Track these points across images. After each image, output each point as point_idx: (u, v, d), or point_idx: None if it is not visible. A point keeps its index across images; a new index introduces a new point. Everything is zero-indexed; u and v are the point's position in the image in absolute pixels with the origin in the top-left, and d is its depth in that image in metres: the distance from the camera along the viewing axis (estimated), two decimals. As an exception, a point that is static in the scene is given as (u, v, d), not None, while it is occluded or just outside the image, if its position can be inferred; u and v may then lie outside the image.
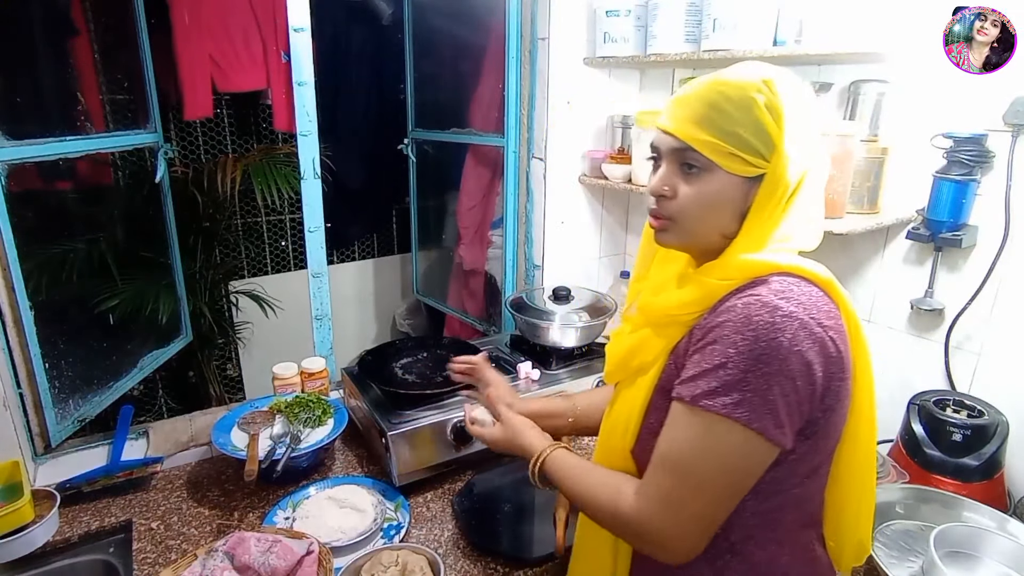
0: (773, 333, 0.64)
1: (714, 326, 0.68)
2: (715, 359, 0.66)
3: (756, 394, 0.64)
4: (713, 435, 0.67)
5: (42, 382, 1.27)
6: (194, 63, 2.28)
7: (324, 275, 1.51)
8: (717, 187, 0.72)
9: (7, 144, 1.27)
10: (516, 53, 1.72)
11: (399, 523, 1.15)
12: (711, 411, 0.66)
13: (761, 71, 0.71)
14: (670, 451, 0.70)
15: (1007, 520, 1.06)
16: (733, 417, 0.65)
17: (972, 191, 1.17)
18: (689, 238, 0.77)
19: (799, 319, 0.65)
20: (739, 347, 0.65)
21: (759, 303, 0.66)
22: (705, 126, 0.71)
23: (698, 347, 0.70)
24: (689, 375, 0.69)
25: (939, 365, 1.28)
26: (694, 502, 0.68)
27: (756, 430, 0.65)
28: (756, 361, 0.64)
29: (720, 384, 0.65)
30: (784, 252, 0.73)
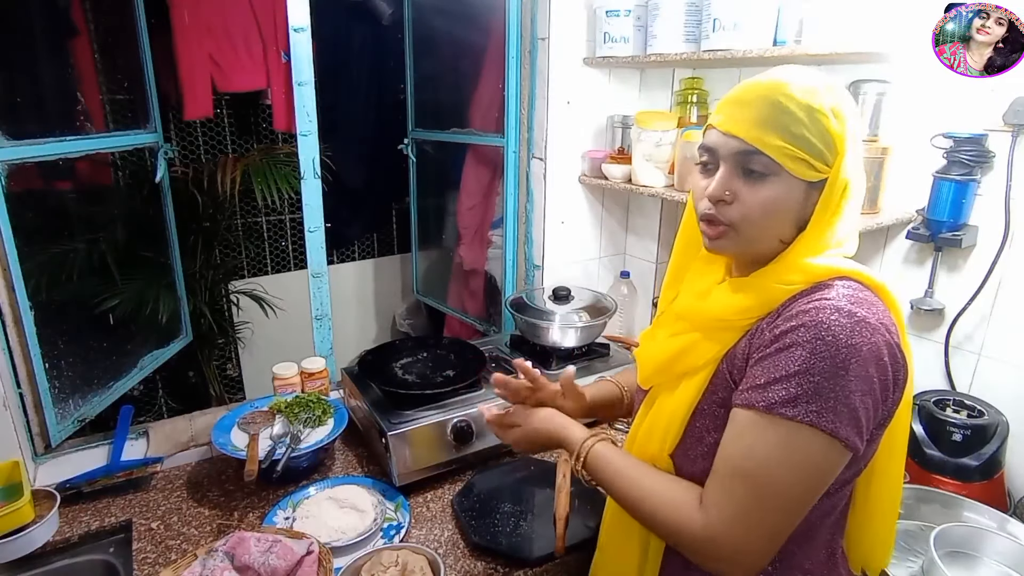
0: (853, 338, 0.63)
1: (786, 331, 0.66)
2: (792, 365, 0.64)
3: (840, 401, 0.63)
4: (794, 444, 0.64)
5: (42, 382, 1.27)
6: (194, 63, 2.28)
7: (324, 275, 1.51)
8: (782, 192, 0.70)
9: (7, 144, 1.27)
10: (516, 53, 1.72)
11: (399, 523, 1.15)
12: (793, 419, 0.63)
13: (818, 75, 0.71)
14: (745, 462, 0.67)
15: (1007, 520, 1.06)
16: (818, 426, 0.63)
17: (972, 191, 1.17)
18: (748, 245, 0.74)
19: (872, 324, 0.64)
20: (818, 353, 0.63)
21: (833, 308, 0.65)
22: (772, 129, 0.68)
23: (767, 353, 0.67)
24: (760, 382, 0.66)
25: (939, 365, 1.28)
26: (771, 515, 0.66)
27: (842, 438, 0.63)
28: (838, 367, 0.63)
29: (800, 391, 0.63)
30: (839, 257, 0.72)
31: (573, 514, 1.09)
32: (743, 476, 0.67)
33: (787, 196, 0.70)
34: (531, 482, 1.28)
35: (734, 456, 0.68)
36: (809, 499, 0.67)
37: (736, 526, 0.66)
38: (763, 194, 0.70)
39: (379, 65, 2.84)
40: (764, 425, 0.65)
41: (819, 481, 0.66)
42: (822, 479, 0.66)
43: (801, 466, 0.64)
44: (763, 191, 0.70)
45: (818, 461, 0.65)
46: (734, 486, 0.67)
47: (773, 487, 0.65)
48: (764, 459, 0.65)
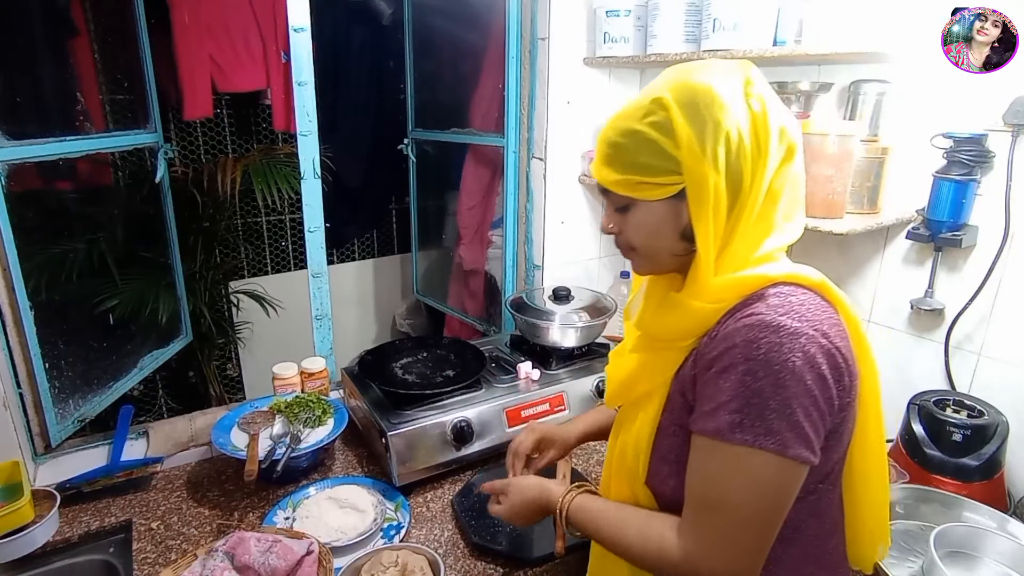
0: (784, 354, 0.62)
1: (720, 354, 0.66)
2: (731, 389, 0.64)
3: (781, 419, 0.63)
4: (747, 468, 0.65)
5: (42, 382, 1.27)
6: (194, 63, 2.28)
7: (324, 275, 1.51)
8: (646, 216, 0.74)
9: (7, 144, 1.27)
10: (516, 53, 1.72)
11: (399, 523, 1.15)
12: (741, 444, 0.64)
13: (657, 89, 0.71)
14: (708, 489, 0.68)
15: (1007, 520, 1.06)
16: (765, 448, 0.63)
17: (972, 191, 1.17)
18: (652, 263, 0.78)
19: (805, 333, 0.64)
20: (754, 373, 0.63)
21: (762, 324, 0.64)
22: (611, 164, 0.73)
23: (708, 377, 0.68)
24: (708, 408, 0.67)
25: (939, 365, 1.28)
26: (745, 536, 0.67)
27: (791, 457, 0.63)
28: (774, 386, 0.62)
29: (743, 415, 0.64)
30: (770, 262, 0.71)
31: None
32: (709, 504, 0.68)
33: (652, 217, 0.73)
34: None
35: (697, 484, 0.69)
36: (777, 516, 0.67)
37: (714, 553, 0.67)
38: (632, 222, 0.75)
39: (379, 65, 2.84)
40: (717, 451, 0.66)
41: (782, 498, 0.67)
42: (784, 496, 0.67)
43: (759, 487, 0.65)
44: (632, 219, 0.75)
45: (774, 481, 0.65)
46: (704, 514, 0.68)
47: (739, 510, 0.66)
48: (724, 485, 0.66)
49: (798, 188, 0.73)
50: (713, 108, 0.67)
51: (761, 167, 0.68)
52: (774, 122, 0.69)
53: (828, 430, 0.67)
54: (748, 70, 0.71)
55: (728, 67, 0.71)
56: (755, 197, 0.68)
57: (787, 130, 0.70)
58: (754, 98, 0.69)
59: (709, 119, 0.67)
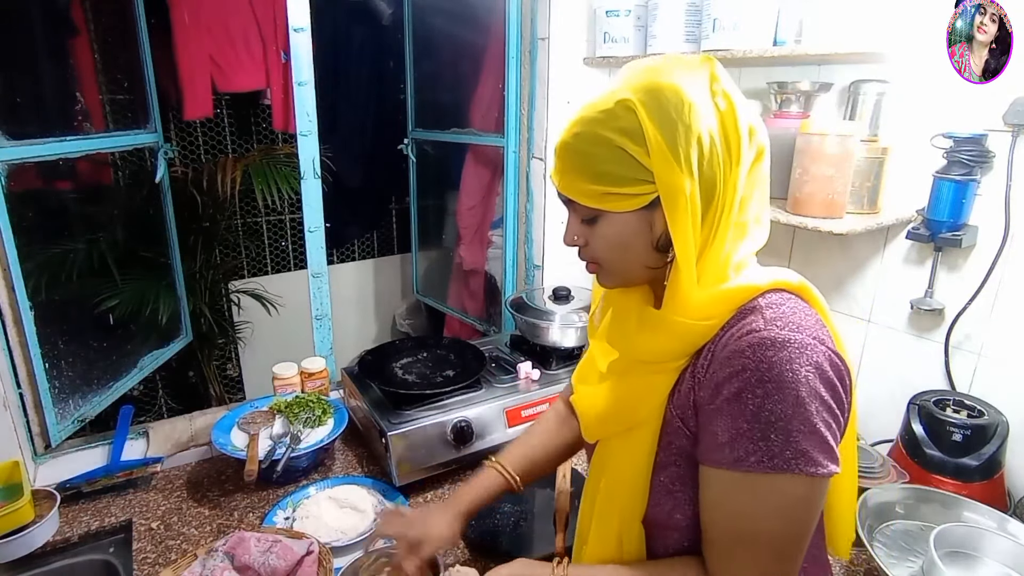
0: (796, 370, 0.60)
1: (727, 378, 0.63)
2: (749, 415, 0.61)
3: (808, 438, 0.60)
4: (780, 494, 0.62)
5: (42, 382, 1.27)
6: (194, 63, 2.28)
7: (324, 275, 1.51)
8: (616, 228, 0.68)
9: (7, 144, 1.27)
10: (516, 53, 1.72)
11: (399, 523, 1.15)
12: (772, 472, 0.60)
13: (620, 91, 0.65)
14: (737, 524, 0.64)
15: (1007, 520, 1.06)
16: (797, 471, 0.60)
17: (972, 191, 1.17)
18: (622, 277, 0.73)
19: (809, 345, 0.61)
20: (770, 396, 0.60)
21: (767, 342, 0.61)
22: (575, 173, 0.67)
23: (718, 404, 0.64)
24: (725, 439, 0.63)
25: (939, 365, 1.28)
26: (785, 564, 0.64)
27: (822, 473, 0.60)
28: (795, 405, 0.60)
29: (767, 441, 0.60)
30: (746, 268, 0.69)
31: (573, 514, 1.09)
32: (740, 539, 0.64)
33: (622, 229, 0.68)
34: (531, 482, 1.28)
35: (723, 521, 0.65)
36: (809, 535, 0.65)
37: None
38: (599, 233, 0.70)
39: (379, 65, 2.84)
40: (743, 483, 0.62)
41: (813, 515, 0.65)
42: (815, 512, 0.64)
43: (793, 511, 0.63)
44: (599, 231, 0.70)
45: (807, 499, 0.63)
46: (736, 553, 0.65)
47: (774, 540, 0.63)
48: (755, 516, 0.63)
49: (766, 190, 0.71)
50: (683, 110, 0.63)
51: (733, 170, 0.65)
52: (743, 122, 0.65)
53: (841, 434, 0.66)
54: (712, 66, 0.67)
55: (691, 63, 0.67)
56: (730, 202, 0.66)
57: (756, 130, 0.67)
58: (719, 96, 0.65)
59: (680, 122, 0.63)
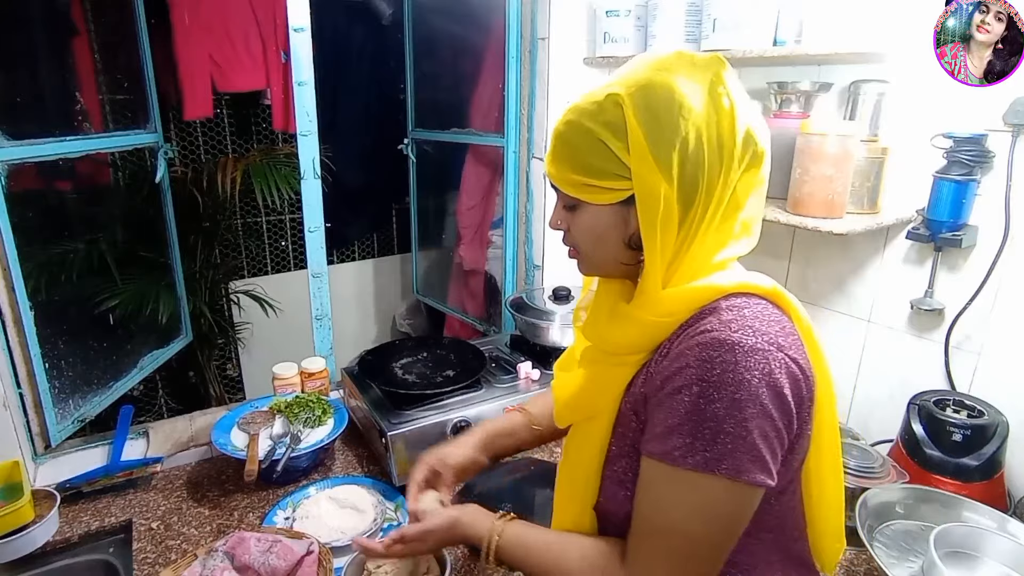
0: (740, 373, 0.59)
1: (673, 373, 0.63)
2: (684, 411, 0.61)
3: (736, 442, 0.59)
4: (700, 493, 0.61)
5: (42, 382, 1.27)
6: (194, 63, 2.28)
7: (324, 275, 1.51)
8: (592, 220, 0.70)
9: (7, 144, 1.27)
10: (516, 53, 1.72)
11: (399, 523, 1.15)
12: (692, 469, 0.60)
13: (615, 83, 0.66)
14: (657, 515, 0.64)
15: (1007, 520, 1.06)
16: (720, 472, 0.59)
17: (972, 191, 1.17)
18: (597, 268, 0.75)
19: (761, 350, 0.60)
20: (707, 395, 0.60)
21: (716, 342, 0.61)
22: (560, 161, 0.69)
23: (660, 397, 0.64)
24: (659, 430, 0.64)
25: (939, 365, 1.28)
26: (695, 564, 0.64)
27: (745, 481, 0.60)
28: (729, 407, 0.59)
29: (695, 439, 0.60)
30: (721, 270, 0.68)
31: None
32: (659, 532, 0.64)
33: (598, 222, 0.70)
34: (531, 482, 1.28)
35: (646, 512, 0.65)
36: (728, 542, 0.64)
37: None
38: (579, 222, 0.72)
39: (379, 65, 2.84)
40: (669, 476, 0.63)
41: (735, 523, 0.64)
42: (737, 521, 0.64)
43: (712, 513, 0.62)
44: (579, 219, 0.72)
45: (726, 506, 0.62)
46: (653, 543, 0.65)
47: (690, 540, 0.63)
48: (675, 512, 0.63)
49: (762, 197, 0.70)
50: (671, 110, 0.62)
51: (722, 174, 0.64)
52: (740, 125, 0.65)
53: (787, 447, 0.65)
54: (719, 66, 0.67)
55: (697, 62, 0.66)
56: (713, 206, 0.65)
57: (755, 134, 0.66)
58: (722, 97, 0.65)
59: (666, 123, 0.62)
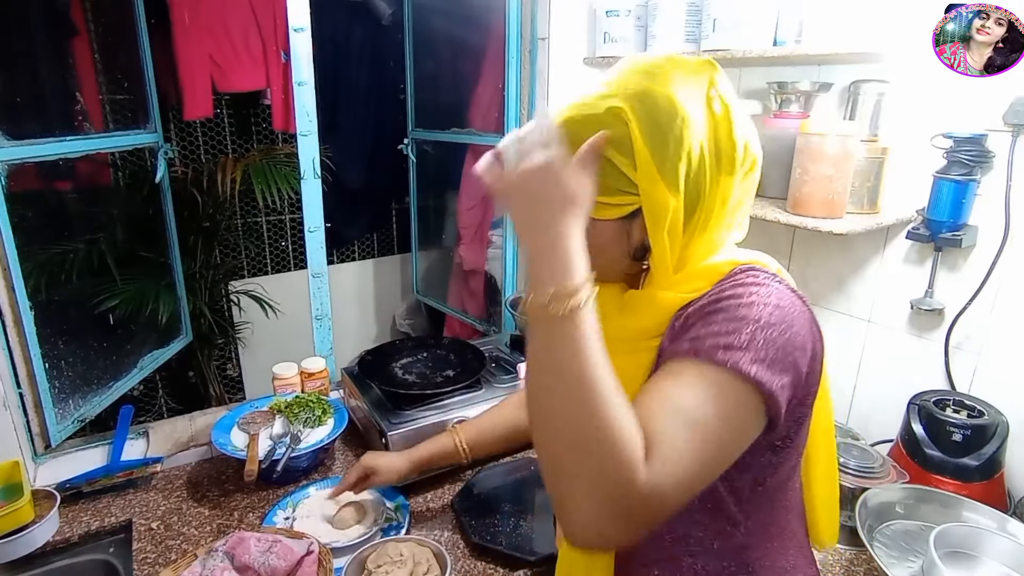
0: (778, 299, 0.61)
1: (714, 301, 0.62)
2: (725, 323, 0.60)
3: (772, 357, 0.58)
4: (726, 391, 0.58)
5: (42, 382, 1.27)
6: (194, 63, 2.28)
7: (324, 275, 1.51)
8: (593, 235, 0.63)
9: (7, 144, 1.27)
10: (516, 53, 1.72)
11: (399, 523, 1.15)
12: (726, 366, 0.57)
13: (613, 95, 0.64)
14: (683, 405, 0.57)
15: (1007, 520, 1.06)
16: (747, 374, 0.57)
17: (972, 191, 1.17)
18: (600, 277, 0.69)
19: (790, 291, 0.63)
20: (753, 311, 0.59)
21: (752, 280, 0.62)
22: None
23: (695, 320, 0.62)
24: (692, 335, 0.61)
25: (939, 365, 1.28)
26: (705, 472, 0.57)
27: (765, 392, 0.58)
28: (767, 325, 0.59)
29: (733, 342, 0.58)
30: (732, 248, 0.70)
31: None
32: (686, 423, 0.57)
33: (601, 237, 0.67)
34: (531, 482, 1.28)
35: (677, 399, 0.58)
36: (735, 451, 0.60)
37: (681, 482, 0.55)
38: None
39: (379, 65, 2.84)
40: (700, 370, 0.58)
41: (743, 437, 0.60)
42: (746, 435, 0.61)
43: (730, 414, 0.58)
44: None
45: (743, 411, 0.59)
46: (678, 434, 0.56)
47: (713, 441, 0.57)
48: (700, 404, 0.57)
49: (753, 194, 0.71)
50: (675, 123, 0.62)
51: (722, 181, 0.65)
52: (739, 132, 0.65)
53: (800, 399, 0.64)
54: (712, 71, 0.66)
55: (690, 67, 0.66)
56: (718, 211, 0.66)
57: (750, 144, 0.67)
58: (716, 101, 0.65)
59: (671, 136, 0.62)
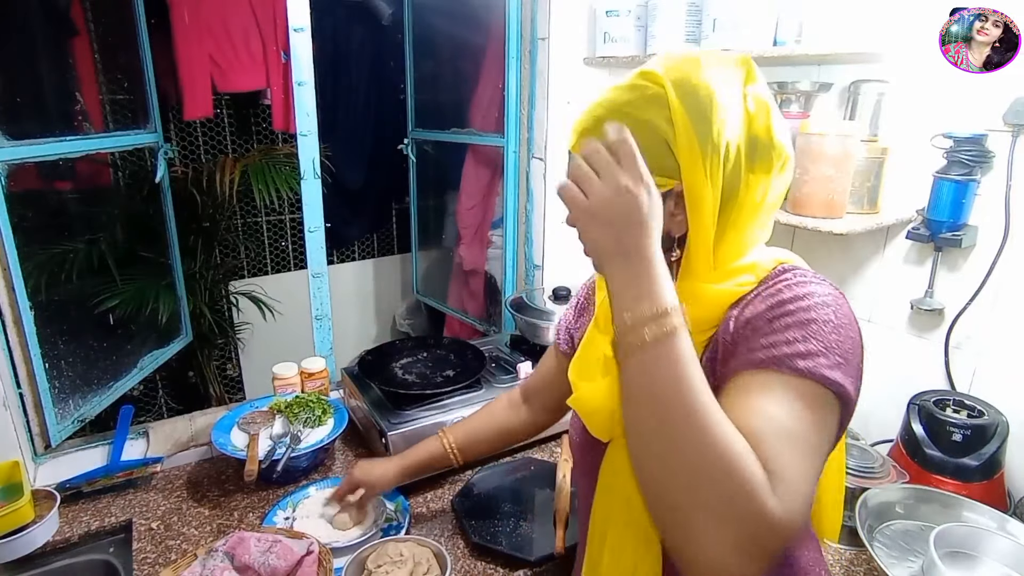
0: (835, 300, 0.63)
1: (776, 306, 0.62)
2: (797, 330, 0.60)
3: (845, 359, 0.60)
4: (816, 400, 0.58)
5: (42, 382, 1.27)
6: (194, 63, 2.28)
7: (324, 275, 1.51)
8: None
9: (7, 144, 1.27)
10: (516, 53, 1.72)
11: (399, 523, 1.15)
12: (811, 375, 0.58)
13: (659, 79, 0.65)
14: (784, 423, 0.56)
15: (1007, 520, 1.06)
16: (831, 379, 0.58)
17: (972, 191, 1.17)
18: None
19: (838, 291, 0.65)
20: (820, 313, 0.61)
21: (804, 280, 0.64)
22: None
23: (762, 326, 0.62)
24: (766, 344, 0.61)
25: (939, 365, 1.28)
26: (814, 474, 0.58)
27: (844, 395, 0.59)
28: (837, 328, 0.60)
29: (811, 348, 0.59)
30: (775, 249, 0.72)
31: (572, 513, 1.09)
32: (792, 442, 0.56)
33: None
34: (531, 482, 1.28)
35: (777, 418, 0.56)
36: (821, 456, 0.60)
37: (807, 502, 0.55)
38: None
39: (379, 65, 2.84)
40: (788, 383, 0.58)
41: (832, 446, 0.62)
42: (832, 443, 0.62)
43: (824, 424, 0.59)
44: None
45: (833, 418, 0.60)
46: (791, 454, 0.55)
47: (817, 455, 0.58)
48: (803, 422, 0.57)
49: (783, 195, 0.72)
50: (715, 115, 0.63)
51: (755, 178, 0.66)
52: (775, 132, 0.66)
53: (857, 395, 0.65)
54: (748, 67, 0.67)
55: (727, 62, 0.67)
56: (749, 208, 0.67)
57: (784, 144, 0.68)
58: (751, 98, 0.66)
59: (712, 127, 0.63)
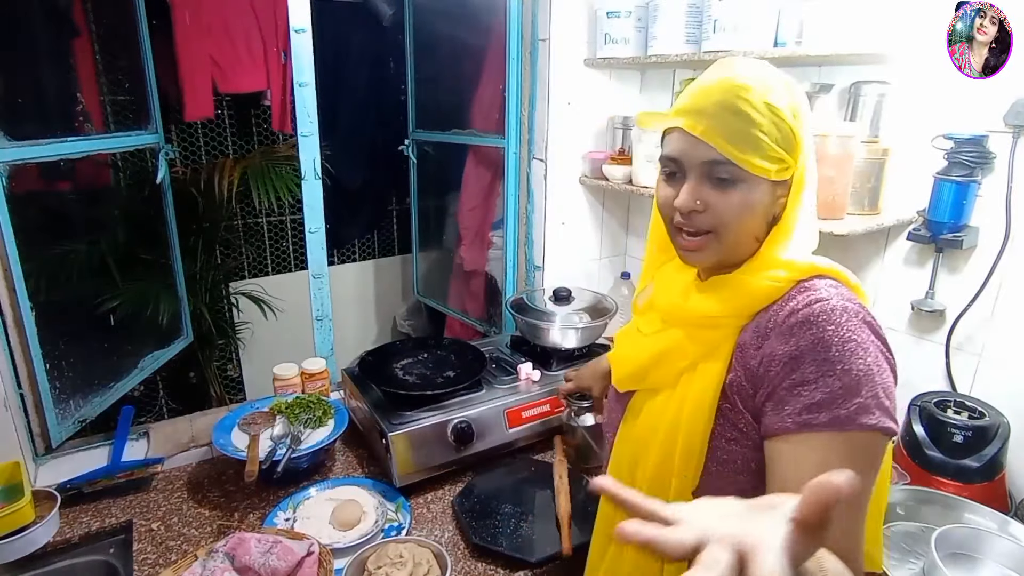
0: (873, 337, 0.66)
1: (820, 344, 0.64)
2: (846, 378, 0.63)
3: (887, 399, 0.64)
4: (873, 450, 0.64)
5: (43, 383, 1.27)
6: (195, 64, 2.28)
7: (324, 276, 1.51)
8: (752, 195, 0.70)
9: (8, 145, 1.27)
10: (517, 54, 1.72)
11: (400, 524, 1.15)
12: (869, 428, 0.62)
13: (769, 70, 0.72)
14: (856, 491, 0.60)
15: (1008, 522, 1.06)
16: (885, 428, 0.63)
17: (973, 192, 1.17)
18: (728, 251, 0.73)
19: (873, 324, 0.67)
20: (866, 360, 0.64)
21: (841, 310, 0.65)
22: (739, 138, 0.68)
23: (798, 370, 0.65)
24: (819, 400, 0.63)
25: (940, 366, 1.28)
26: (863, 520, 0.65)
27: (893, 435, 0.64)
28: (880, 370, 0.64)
29: (867, 402, 0.62)
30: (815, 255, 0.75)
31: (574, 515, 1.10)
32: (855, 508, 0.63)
33: (758, 198, 0.71)
34: (531, 483, 1.28)
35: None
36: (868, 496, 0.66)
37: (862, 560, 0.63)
38: (734, 199, 0.70)
39: (379, 66, 2.85)
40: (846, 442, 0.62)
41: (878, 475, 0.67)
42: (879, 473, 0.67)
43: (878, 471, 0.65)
44: (734, 196, 0.70)
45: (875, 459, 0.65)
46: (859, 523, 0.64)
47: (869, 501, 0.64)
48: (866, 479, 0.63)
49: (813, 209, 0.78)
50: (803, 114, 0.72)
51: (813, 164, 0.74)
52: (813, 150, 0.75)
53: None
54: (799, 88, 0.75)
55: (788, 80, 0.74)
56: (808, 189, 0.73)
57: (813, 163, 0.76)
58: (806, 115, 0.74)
59: (806, 124, 0.72)
